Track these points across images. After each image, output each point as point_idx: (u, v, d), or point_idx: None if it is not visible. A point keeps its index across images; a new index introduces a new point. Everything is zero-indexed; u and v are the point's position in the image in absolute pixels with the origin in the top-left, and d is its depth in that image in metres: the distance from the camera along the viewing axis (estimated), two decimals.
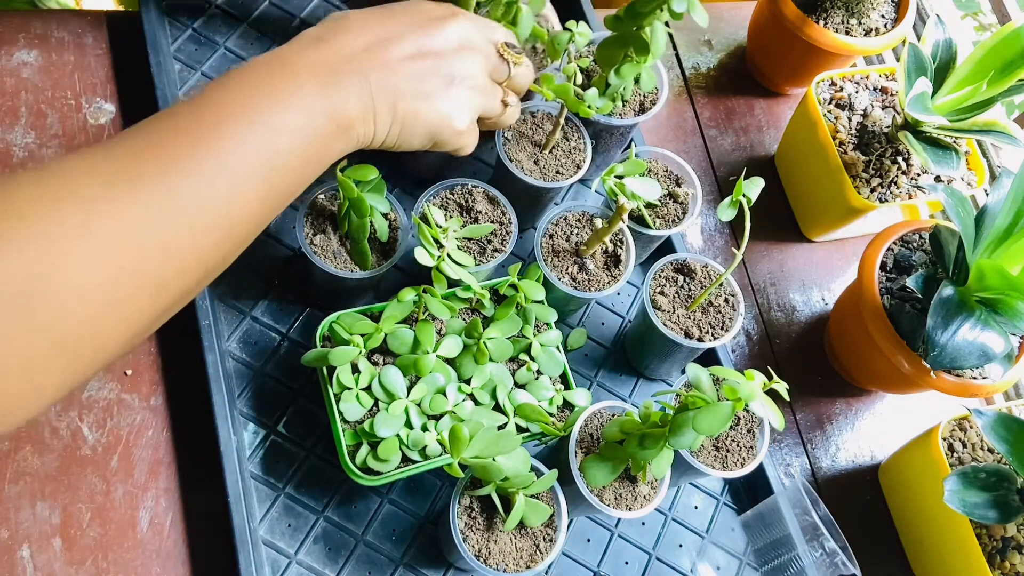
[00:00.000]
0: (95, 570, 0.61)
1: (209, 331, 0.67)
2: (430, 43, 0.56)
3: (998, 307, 0.67)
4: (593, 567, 0.69)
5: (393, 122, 0.55)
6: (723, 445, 0.66)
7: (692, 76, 0.97)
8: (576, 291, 0.68)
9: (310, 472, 0.67)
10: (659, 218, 0.74)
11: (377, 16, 0.56)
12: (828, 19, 0.87)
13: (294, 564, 0.64)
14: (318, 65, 0.51)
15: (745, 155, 0.93)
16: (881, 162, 0.81)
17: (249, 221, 0.48)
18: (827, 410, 0.83)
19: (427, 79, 0.56)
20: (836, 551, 0.66)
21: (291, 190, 0.51)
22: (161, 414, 0.67)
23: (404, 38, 0.55)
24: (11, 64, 0.76)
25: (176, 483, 0.65)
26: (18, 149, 0.73)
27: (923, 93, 0.74)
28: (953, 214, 0.67)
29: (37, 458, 0.63)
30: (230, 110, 0.47)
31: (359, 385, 0.63)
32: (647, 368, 0.76)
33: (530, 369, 0.68)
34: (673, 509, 0.73)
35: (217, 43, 0.81)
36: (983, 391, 0.71)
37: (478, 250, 0.69)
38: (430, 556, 0.66)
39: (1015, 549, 0.68)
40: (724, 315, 0.70)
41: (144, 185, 0.42)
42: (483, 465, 0.54)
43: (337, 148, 0.53)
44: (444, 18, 0.58)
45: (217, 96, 0.47)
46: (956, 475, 0.66)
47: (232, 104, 0.47)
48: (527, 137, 0.73)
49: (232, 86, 0.48)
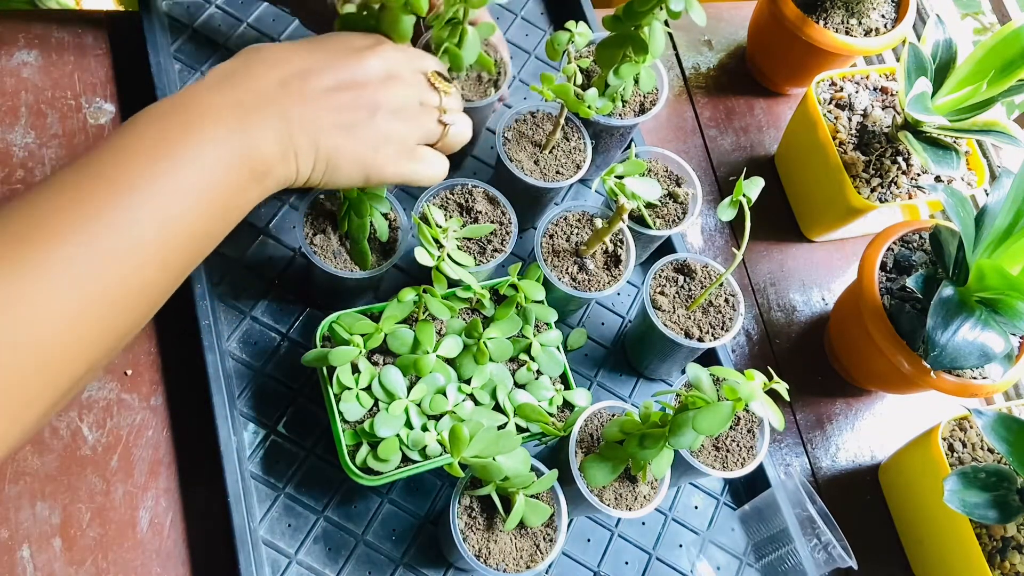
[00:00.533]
0: (95, 570, 0.61)
1: (209, 331, 0.67)
2: (353, 74, 0.53)
3: (998, 307, 0.67)
4: (593, 567, 0.69)
5: (317, 159, 0.52)
6: (723, 445, 0.66)
7: (692, 76, 0.97)
8: (576, 291, 0.68)
9: (310, 472, 0.67)
10: (659, 218, 0.74)
11: (296, 48, 0.53)
12: (828, 19, 0.87)
13: (294, 564, 0.64)
14: (227, 107, 0.48)
15: (745, 155, 0.93)
16: (881, 162, 0.81)
17: (151, 290, 0.45)
18: (827, 410, 0.83)
19: (350, 112, 0.53)
20: (832, 543, 0.66)
21: (201, 248, 0.48)
22: (161, 414, 0.67)
23: (324, 70, 0.53)
24: (11, 64, 0.76)
25: (176, 483, 0.65)
26: (18, 149, 0.73)
27: (923, 93, 0.74)
28: (953, 214, 0.67)
29: (37, 458, 0.63)
30: (128, 171, 0.44)
31: (359, 385, 0.63)
32: (647, 368, 0.76)
33: (530, 369, 0.68)
34: (673, 509, 0.73)
35: (217, 43, 0.81)
36: (983, 391, 0.71)
37: (478, 250, 0.69)
38: (430, 556, 0.66)
39: (1015, 549, 0.68)
40: (724, 315, 0.70)
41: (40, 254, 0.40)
42: (483, 465, 0.54)
43: (253, 196, 0.50)
44: (368, 48, 0.55)
45: (117, 151, 0.44)
46: (956, 475, 0.66)
47: (130, 162, 0.44)
48: (527, 137, 0.73)
49: (134, 139, 0.45)
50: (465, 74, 0.72)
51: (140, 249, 0.44)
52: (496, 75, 0.73)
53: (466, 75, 0.72)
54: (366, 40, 0.56)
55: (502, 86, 0.72)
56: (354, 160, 0.53)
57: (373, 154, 0.54)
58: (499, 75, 0.73)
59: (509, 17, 0.92)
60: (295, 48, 0.53)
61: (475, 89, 0.72)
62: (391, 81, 0.55)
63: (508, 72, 0.73)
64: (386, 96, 0.54)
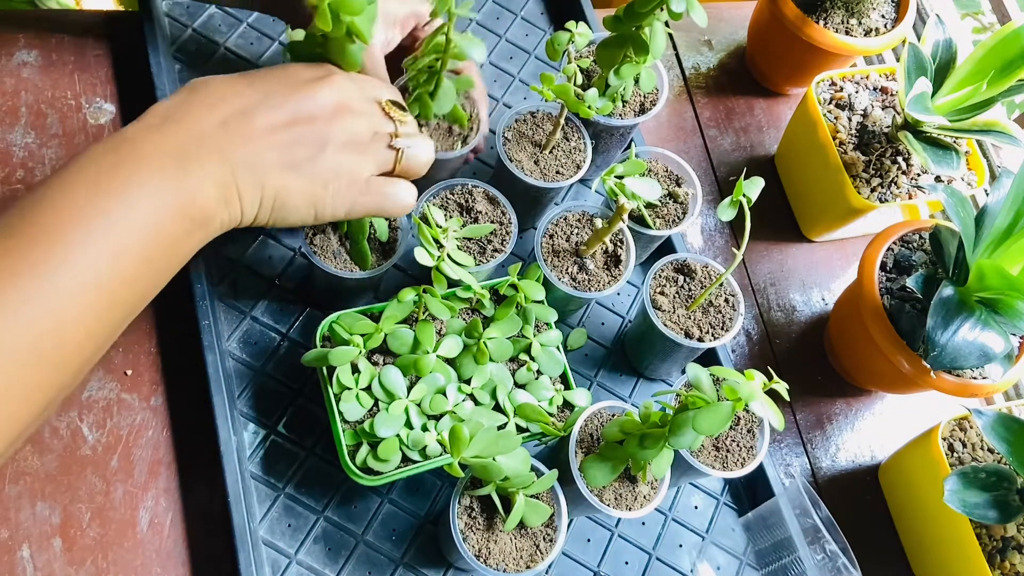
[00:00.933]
0: (95, 570, 0.61)
1: (209, 331, 0.67)
2: (300, 108, 0.51)
3: (998, 307, 0.67)
4: (593, 567, 0.69)
5: (263, 199, 0.50)
6: (723, 445, 0.66)
7: (692, 76, 0.97)
8: (576, 291, 0.68)
9: (310, 472, 0.67)
10: (659, 218, 0.74)
11: (240, 83, 0.51)
12: (828, 19, 0.87)
13: (294, 564, 0.64)
14: (165, 151, 0.46)
15: (745, 155, 0.93)
16: (881, 162, 0.81)
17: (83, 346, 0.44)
18: (827, 410, 0.83)
19: (297, 148, 0.51)
20: (837, 553, 0.66)
21: (139, 299, 0.47)
22: (161, 414, 0.67)
23: (269, 106, 0.50)
24: (11, 64, 0.76)
25: (176, 483, 0.65)
26: (18, 149, 0.73)
27: (923, 93, 0.74)
28: (953, 214, 0.67)
29: (37, 458, 0.63)
30: (59, 224, 0.42)
31: (359, 385, 0.63)
32: (647, 368, 0.76)
33: (530, 369, 0.68)
34: (673, 509, 0.73)
35: (217, 43, 0.81)
36: (983, 391, 0.71)
37: (478, 250, 0.69)
38: (430, 556, 0.66)
39: (1015, 549, 0.68)
40: (724, 315, 0.70)
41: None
42: (483, 465, 0.54)
43: (193, 242, 0.48)
44: (317, 79, 0.53)
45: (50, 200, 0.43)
46: (956, 475, 0.66)
47: (63, 212, 0.43)
48: (527, 137, 0.73)
49: (66, 188, 0.44)
50: (436, 123, 0.70)
51: (71, 304, 0.42)
52: (468, 130, 0.70)
53: (436, 124, 0.70)
54: (315, 71, 0.54)
55: (472, 142, 0.70)
56: (303, 198, 0.52)
57: (323, 191, 0.52)
58: (471, 130, 0.70)
59: (509, 17, 0.92)
60: (240, 83, 0.51)
61: (444, 140, 0.70)
62: (341, 113, 0.53)
63: (482, 129, 0.71)
64: (335, 129, 0.52)
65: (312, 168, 0.51)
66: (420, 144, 0.56)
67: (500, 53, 0.90)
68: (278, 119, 0.51)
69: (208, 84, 0.51)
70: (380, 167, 0.55)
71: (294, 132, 0.51)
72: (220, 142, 0.48)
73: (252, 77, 0.52)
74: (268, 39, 0.83)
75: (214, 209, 0.48)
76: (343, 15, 0.53)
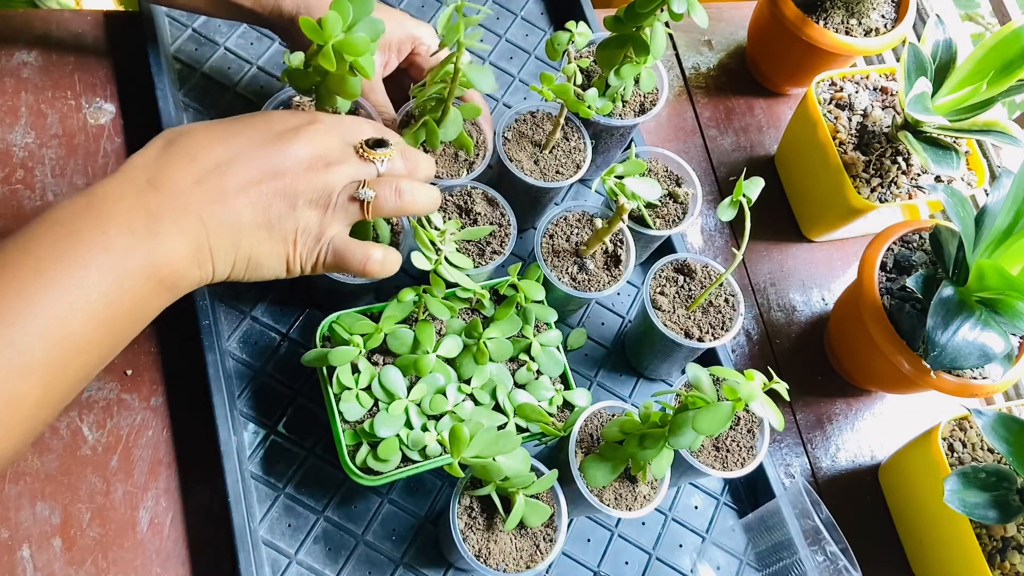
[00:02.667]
0: (95, 570, 0.61)
1: (209, 331, 0.67)
2: (276, 162, 0.50)
3: (998, 307, 0.67)
4: (593, 567, 0.69)
5: (237, 258, 0.50)
6: (723, 445, 0.66)
7: (692, 76, 0.97)
8: (576, 291, 0.68)
9: (310, 472, 0.67)
10: (659, 218, 0.74)
11: (217, 135, 0.50)
12: (828, 19, 0.87)
13: (294, 564, 0.64)
14: (136, 212, 0.45)
15: (745, 155, 0.93)
16: (881, 162, 0.81)
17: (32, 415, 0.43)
18: (827, 410, 0.83)
19: (272, 204, 0.50)
20: (839, 555, 0.66)
21: (100, 359, 0.46)
22: (161, 414, 0.67)
23: (245, 161, 0.49)
24: (11, 64, 0.76)
25: (176, 483, 0.65)
26: (18, 149, 0.73)
27: (923, 93, 0.74)
28: (953, 214, 0.67)
29: (37, 458, 0.63)
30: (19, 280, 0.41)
31: (359, 385, 0.63)
32: (647, 368, 0.76)
33: (530, 369, 0.68)
34: (673, 509, 0.73)
35: (217, 43, 0.81)
36: (983, 391, 0.71)
37: (477, 252, 0.69)
38: (430, 556, 0.66)
39: (1015, 549, 0.68)
40: (724, 315, 0.70)
41: None
42: (483, 465, 0.54)
43: (159, 303, 0.48)
44: (295, 130, 0.52)
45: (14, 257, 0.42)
46: (956, 475, 0.66)
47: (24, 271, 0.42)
48: (527, 137, 0.73)
49: (33, 244, 0.43)
50: (443, 148, 0.70)
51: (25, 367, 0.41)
52: (475, 156, 0.71)
53: (443, 149, 0.70)
54: (295, 119, 0.53)
55: (478, 168, 0.70)
56: (275, 257, 0.51)
57: (292, 249, 0.52)
58: (478, 156, 0.71)
59: (509, 17, 0.92)
60: (218, 133, 0.50)
61: (450, 166, 0.70)
62: (315, 167, 0.52)
63: (488, 154, 0.71)
64: (306, 184, 0.51)
65: (283, 225, 0.51)
66: (385, 191, 0.54)
67: (500, 53, 0.90)
68: (253, 175, 0.50)
69: (184, 136, 0.50)
70: (350, 219, 0.54)
71: (268, 188, 0.50)
72: (195, 201, 0.47)
73: (229, 128, 0.51)
74: (268, 39, 0.83)
75: (185, 271, 0.47)
76: (347, 55, 0.53)
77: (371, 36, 0.54)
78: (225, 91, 0.80)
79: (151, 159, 0.48)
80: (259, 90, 0.80)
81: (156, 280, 0.46)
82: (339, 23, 0.53)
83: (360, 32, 0.54)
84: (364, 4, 0.54)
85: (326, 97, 0.61)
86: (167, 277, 0.47)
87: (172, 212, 0.47)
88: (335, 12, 0.53)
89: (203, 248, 0.48)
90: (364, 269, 0.54)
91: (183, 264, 0.47)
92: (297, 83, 0.59)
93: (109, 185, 0.46)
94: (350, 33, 0.54)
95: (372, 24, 0.55)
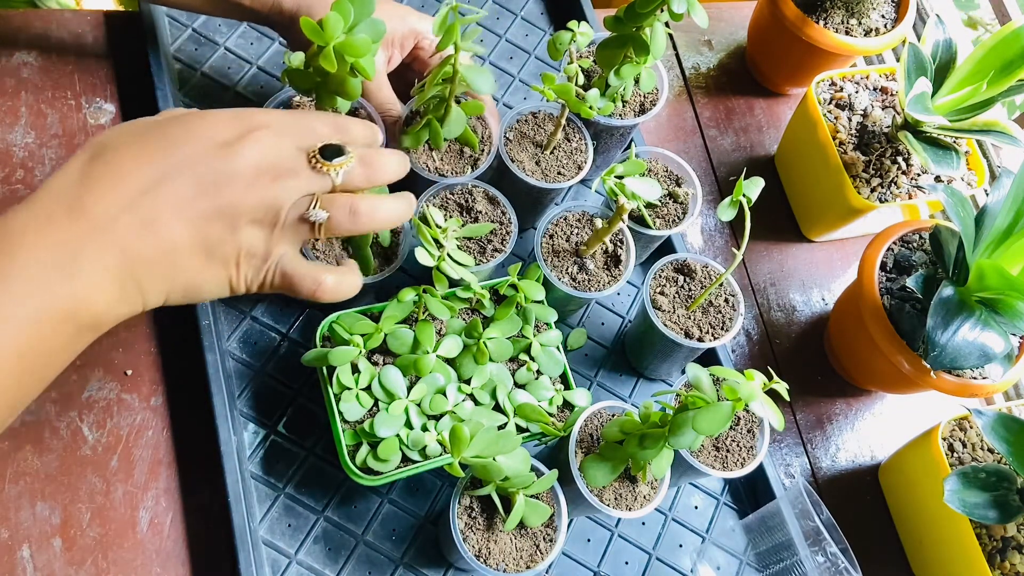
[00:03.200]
0: (95, 570, 0.61)
1: (209, 331, 0.67)
2: (216, 177, 0.44)
3: (998, 307, 0.67)
4: (593, 567, 0.69)
5: (172, 288, 0.45)
6: (723, 445, 0.66)
7: (692, 76, 0.97)
8: (576, 291, 0.68)
9: (310, 472, 0.67)
10: (659, 218, 0.74)
11: (149, 148, 0.44)
12: (828, 19, 0.87)
13: (294, 564, 0.64)
14: (54, 249, 0.40)
15: (745, 155, 0.93)
16: (881, 162, 0.81)
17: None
18: (827, 410, 0.83)
19: (211, 227, 0.45)
20: (839, 556, 0.66)
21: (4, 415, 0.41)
22: (161, 414, 0.67)
23: (180, 178, 0.44)
24: (11, 64, 0.76)
25: (176, 483, 0.65)
26: (18, 149, 0.73)
27: (923, 93, 0.74)
28: (953, 214, 0.67)
29: (37, 458, 0.63)
30: None
31: (359, 385, 0.63)
32: (647, 368, 0.76)
33: (530, 369, 0.68)
34: (673, 509, 0.73)
35: (217, 43, 0.81)
36: (983, 391, 0.71)
37: (478, 250, 0.69)
38: (430, 556, 0.66)
39: (1015, 549, 0.68)
40: (724, 315, 0.70)
41: None
42: (483, 465, 0.54)
43: (80, 344, 0.43)
44: (240, 138, 0.46)
45: None
46: (956, 475, 0.66)
47: None
48: (528, 138, 0.73)
49: None
50: (447, 144, 0.70)
51: None
52: (480, 152, 0.71)
53: (448, 146, 0.70)
54: (234, 126, 0.47)
55: (483, 164, 0.70)
56: (216, 282, 0.47)
57: (236, 272, 0.47)
58: (482, 152, 0.71)
59: (509, 17, 0.92)
60: (147, 147, 0.44)
61: (455, 162, 0.70)
62: (261, 179, 0.46)
63: (494, 149, 0.71)
64: (250, 201, 0.45)
65: (223, 249, 0.46)
66: (339, 210, 0.49)
67: (500, 53, 0.90)
68: (188, 195, 0.44)
69: (110, 152, 0.44)
70: (300, 239, 0.49)
71: (206, 209, 0.44)
72: (121, 232, 0.42)
73: (163, 138, 0.45)
74: (268, 39, 0.83)
75: (107, 307, 0.43)
76: (348, 56, 0.53)
77: (372, 37, 0.54)
78: (225, 91, 0.80)
79: (72, 181, 0.43)
80: (259, 90, 0.80)
81: (75, 324, 0.42)
82: (340, 24, 0.53)
83: (361, 33, 0.54)
84: (365, 4, 0.54)
85: (326, 97, 0.61)
86: (86, 319, 0.42)
87: (94, 246, 0.41)
88: (336, 13, 0.53)
89: (130, 283, 0.43)
90: (314, 295, 0.50)
91: (106, 303, 0.42)
92: (297, 83, 0.59)
93: (24, 214, 0.41)
94: (351, 34, 0.54)
95: (373, 25, 0.55)
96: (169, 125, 0.46)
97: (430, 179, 0.68)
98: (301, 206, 0.48)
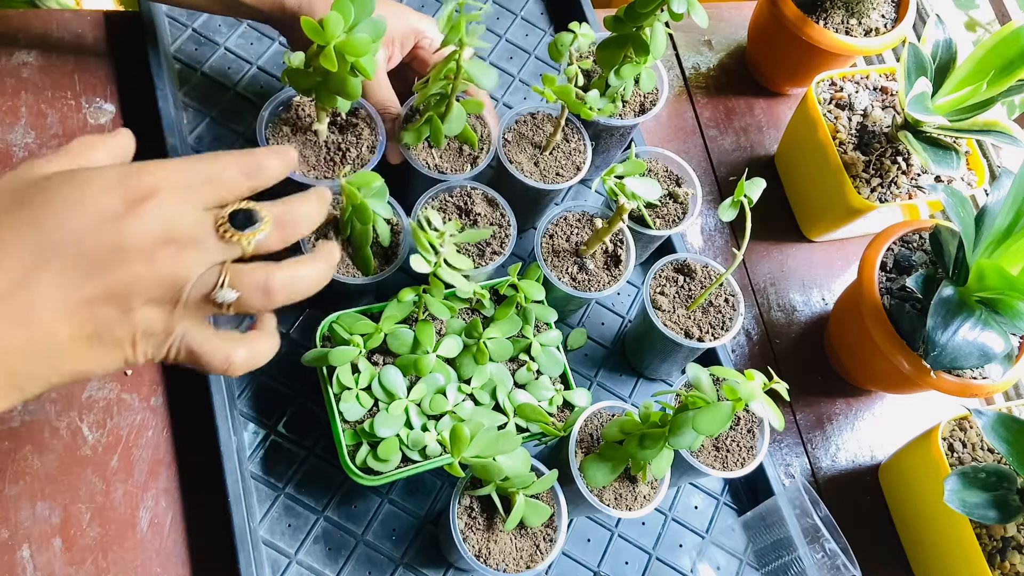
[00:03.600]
0: (95, 570, 0.61)
1: None
2: (103, 255, 0.39)
3: (998, 307, 0.67)
4: (593, 567, 0.69)
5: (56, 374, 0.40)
6: (723, 445, 0.66)
7: (692, 76, 0.97)
8: (576, 291, 0.68)
9: (310, 472, 0.67)
10: (659, 218, 0.74)
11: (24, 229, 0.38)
12: (828, 19, 0.87)
13: (294, 564, 0.64)
14: None
15: (745, 155, 0.93)
16: (881, 162, 0.81)
17: None
18: (827, 410, 0.83)
19: (99, 313, 0.39)
20: (837, 553, 0.66)
21: None
22: (161, 414, 0.67)
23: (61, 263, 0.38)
24: (11, 64, 0.76)
25: (176, 483, 0.65)
26: (18, 149, 0.73)
27: (923, 93, 0.74)
28: (953, 214, 0.67)
29: (37, 458, 0.63)
30: None
31: (359, 385, 0.63)
32: (647, 368, 0.76)
33: (530, 369, 0.68)
34: (673, 509, 0.73)
35: (217, 43, 0.81)
36: (983, 391, 0.71)
37: (477, 252, 0.69)
38: (430, 556, 0.66)
39: (1015, 549, 0.68)
40: (724, 315, 0.70)
41: None
42: (483, 465, 0.54)
43: None
44: (133, 206, 0.40)
45: None
46: (956, 475, 0.66)
47: None
48: (527, 139, 0.73)
49: None
50: (446, 144, 0.70)
51: None
52: (479, 150, 0.71)
53: (447, 145, 0.70)
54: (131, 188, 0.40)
55: (483, 162, 0.70)
56: (107, 363, 0.42)
57: (132, 351, 0.42)
58: (482, 150, 0.71)
59: (509, 17, 0.92)
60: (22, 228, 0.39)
61: (455, 160, 0.70)
62: (158, 253, 0.40)
63: (492, 147, 0.71)
64: (146, 279, 0.40)
65: (114, 333, 0.40)
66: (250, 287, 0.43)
67: (500, 53, 0.90)
68: (69, 282, 0.38)
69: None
70: (206, 315, 0.44)
71: (92, 294, 0.39)
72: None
73: (38, 214, 0.39)
74: (268, 39, 0.83)
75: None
76: (348, 56, 0.53)
77: (373, 36, 0.54)
78: (225, 91, 0.80)
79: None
80: (259, 90, 0.80)
81: None
82: (341, 23, 0.53)
83: (361, 32, 0.54)
84: (366, 4, 0.54)
85: (326, 97, 0.61)
86: None
87: None
88: (337, 12, 0.53)
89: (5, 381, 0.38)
90: (226, 372, 0.45)
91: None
92: (297, 83, 0.59)
93: None
94: (351, 33, 0.54)
95: (374, 24, 0.55)
96: (51, 191, 0.40)
97: (429, 176, 0.68)
98: (207, 280, 0.42)
